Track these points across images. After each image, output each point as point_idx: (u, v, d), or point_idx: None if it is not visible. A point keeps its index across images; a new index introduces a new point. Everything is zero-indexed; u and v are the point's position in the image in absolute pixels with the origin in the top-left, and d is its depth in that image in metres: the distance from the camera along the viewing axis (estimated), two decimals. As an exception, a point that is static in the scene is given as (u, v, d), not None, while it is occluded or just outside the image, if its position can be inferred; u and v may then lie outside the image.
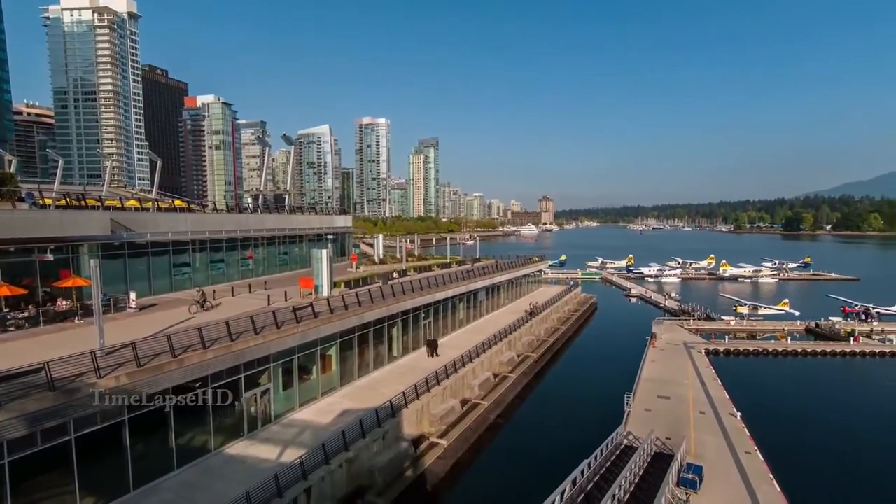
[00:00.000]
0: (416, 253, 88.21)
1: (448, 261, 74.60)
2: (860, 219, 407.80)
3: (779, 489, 27.39)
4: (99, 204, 43.29)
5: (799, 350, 61.47)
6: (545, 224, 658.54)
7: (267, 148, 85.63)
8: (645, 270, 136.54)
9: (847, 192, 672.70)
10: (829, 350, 60.91)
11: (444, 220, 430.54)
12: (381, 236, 79.12)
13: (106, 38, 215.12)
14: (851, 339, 63.81)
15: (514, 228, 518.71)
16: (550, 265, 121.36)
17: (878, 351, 60.37)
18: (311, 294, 40.91)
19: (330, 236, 66.92)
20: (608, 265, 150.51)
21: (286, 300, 38.96)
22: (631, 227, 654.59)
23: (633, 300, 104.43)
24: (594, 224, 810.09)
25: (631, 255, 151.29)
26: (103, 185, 56.46)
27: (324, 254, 42.14)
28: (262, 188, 72.10)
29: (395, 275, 54.45)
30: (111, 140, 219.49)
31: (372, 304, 38.61)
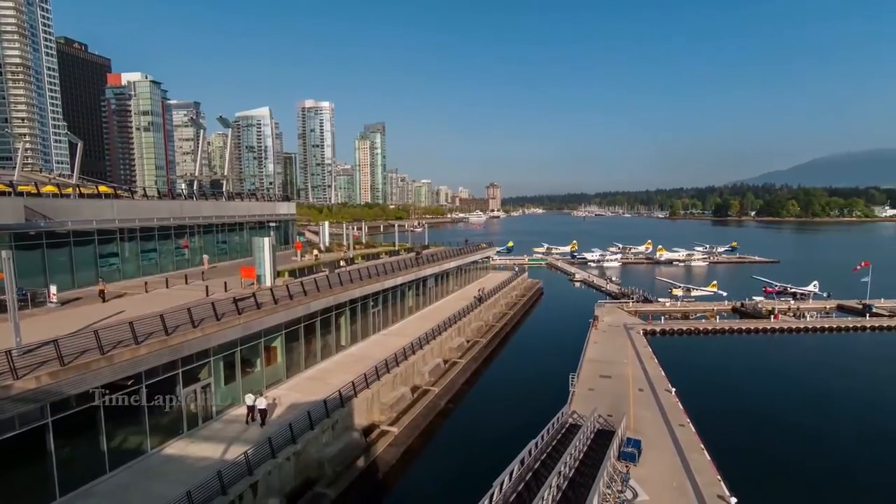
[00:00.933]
0: (363, 240, 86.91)
1: (396, 248, 74.03)
2: (780, 205, 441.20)
3: (708, 457, 29.47)
4: (10, 189, 39.39)
5: (726, 328, 66.09)
6: (493, 211, 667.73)
7: (201, 130, 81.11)
8: (588, 256, 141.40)
9: (769, 180, 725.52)
10: (752, 327, 65.91)
11: (391, 206, 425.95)
12: (326, 223, 77.03)
13: (10, 4, 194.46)
14: (772, 316, 69.24)
15: (462, 215, 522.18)
16: (498, 252, 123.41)
17: (794, 327, 66.07)
18: (252, 284, 39.33)
19: (272, 224, 64.51)
20: (553, 251, 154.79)
21: (226, 291, 37.25)
22: (575, 213, 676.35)
23: (577, 285, 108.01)
24: (540, 211, 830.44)
25: (575, 241, 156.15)
26: (15, 168, 51.30)
27: (266, 242, 40.59)
28: (197, 173, 68.19)
29: (342, 263, 53.38)
30: (22, 119, 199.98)
31: (318, 293, 37.67)
